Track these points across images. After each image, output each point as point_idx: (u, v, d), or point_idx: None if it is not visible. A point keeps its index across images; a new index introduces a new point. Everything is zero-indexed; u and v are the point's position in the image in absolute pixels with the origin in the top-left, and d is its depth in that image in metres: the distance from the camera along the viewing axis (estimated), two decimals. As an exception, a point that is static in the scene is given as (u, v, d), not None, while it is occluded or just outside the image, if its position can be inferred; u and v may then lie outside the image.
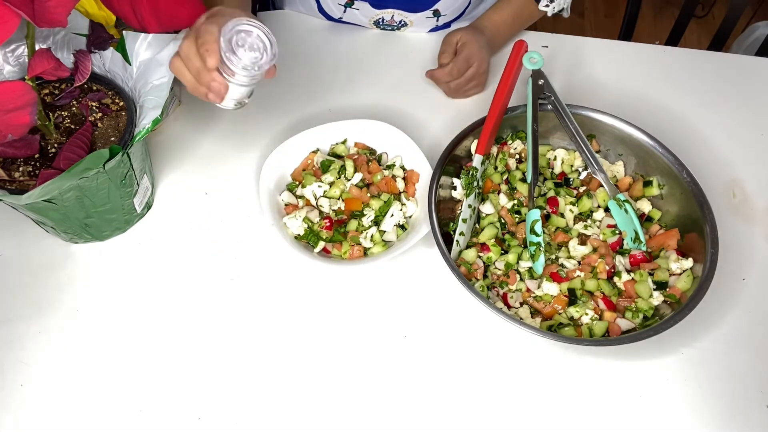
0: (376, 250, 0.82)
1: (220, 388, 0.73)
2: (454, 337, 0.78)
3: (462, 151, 0.87)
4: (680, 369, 0.76)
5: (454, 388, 0.74)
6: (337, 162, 0.87)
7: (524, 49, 0.87)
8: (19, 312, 0.77)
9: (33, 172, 0.70)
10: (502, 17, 1.02)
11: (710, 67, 1.08)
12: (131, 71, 0.77)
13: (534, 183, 0.84)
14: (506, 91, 0.85)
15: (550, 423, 0.72)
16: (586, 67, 1.07)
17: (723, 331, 0.79)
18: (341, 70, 1.04)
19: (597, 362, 0.76)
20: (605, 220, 0.84)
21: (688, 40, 2.27)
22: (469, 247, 0.81)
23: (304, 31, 1.09)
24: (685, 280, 0.77)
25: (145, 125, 0.72)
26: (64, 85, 0.78)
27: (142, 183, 0.81)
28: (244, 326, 0.78)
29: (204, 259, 0.83)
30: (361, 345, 0.77)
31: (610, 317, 0.76)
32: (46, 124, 0.72)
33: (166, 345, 0.76)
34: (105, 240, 0.83)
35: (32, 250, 0.82)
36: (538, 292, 0.79)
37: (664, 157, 0.84)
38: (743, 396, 0.74)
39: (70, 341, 0.75)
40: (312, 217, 0.83)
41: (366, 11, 1.05)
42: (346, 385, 0.74)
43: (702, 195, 0.80)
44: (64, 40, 0.78)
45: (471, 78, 0.96)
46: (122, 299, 0.79)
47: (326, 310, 0.79)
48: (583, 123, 0.87)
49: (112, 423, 0.70)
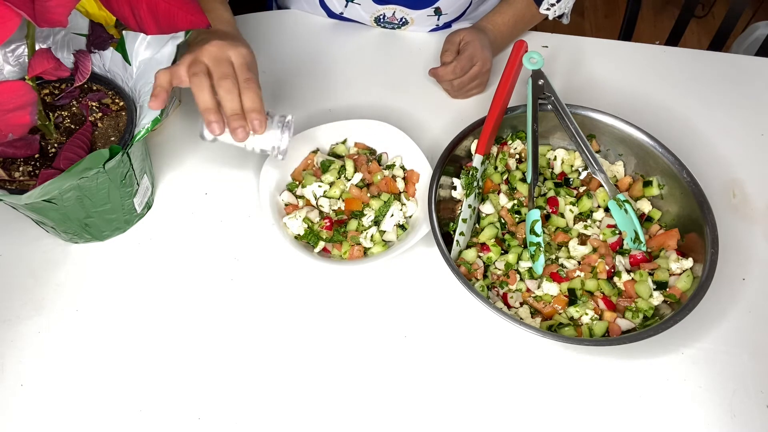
0: (376, 250, 0.82)
1: (220, 388, 0.73)
2: (454, 337, 0.78)
3: (462, 151, 0.87)
4: (680, 369, 0.76)
5: (454, 388, 0.74)
6: (337, 162, 0.87)
7: (524, 50, 0.87)
8: (19, 312, 0.77)
9: (33, 172, 0.70)
10: (503, 19, 1.03)
11: (710, 67, 1.08)
12: (131, 71, 0.77)
13: (534, 183, 0.84)
14: (506, 91, 0.85)
15: (550, 423, 0.72)
16: (586, 67, 1.07)
17: (723, 331, 0.79)
18: (341, 70, 1.04)
19: (597, 362, 0.76)
20: (605, 220, 0.84)
21: (688, 40, 2.27)
22: (469, 247, 0.81)
23: (304, 31, 1.09)
24: (685, 280, 0.77)
25: (145, 125, 0.72)
26: (64, 85, 0.78)
27: (142, 183, 0.81)
28: (244, 326, 0.78)
29: (204, 259, 0.83)
30: (361, 345, 0.77)
31: (610, 317, 0.76)
32: (46, 124, 0.72)
33: (166, 345, 0.76)
34: (105, 240, 0.83)
35: (32, 250, 0.82)
36: (538, 292, 0.79)
37: (664, 157, 0.84)
38: (743, 396, 0.74)
39: (70, 341, 0.75)
40: (312, 217, 0.83)
41: (368, 7, 1.05)
42: (346, 385, 0.74)
43: (702, 195, 0.80)
44: (64, 40, 0.78)
45: (474, 77, 0.96)
46: (122, 299, 0.79)
47: (326, 310, 0.79)
48: (583, 123, 0.87)
49: (112, 423, 0.70)
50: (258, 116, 0.72)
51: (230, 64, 0.73)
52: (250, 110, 0.72)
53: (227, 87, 0.71)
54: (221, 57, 0.73)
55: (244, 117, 0.72)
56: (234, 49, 0.74)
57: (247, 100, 0.72)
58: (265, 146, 0.77)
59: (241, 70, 0.73)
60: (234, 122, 0.71)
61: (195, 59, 0.73)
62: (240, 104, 0.72)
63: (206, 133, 0.74)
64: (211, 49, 0.73)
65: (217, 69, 0.72)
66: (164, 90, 0.71)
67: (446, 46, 0.98)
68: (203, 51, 0.73)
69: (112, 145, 0.68)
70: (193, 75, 0.71)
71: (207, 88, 0.71)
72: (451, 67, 0.95)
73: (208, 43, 0.73)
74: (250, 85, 0.72)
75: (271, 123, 0.76)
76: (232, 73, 0.72)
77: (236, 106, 0.72)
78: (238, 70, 0.73)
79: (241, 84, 0.72)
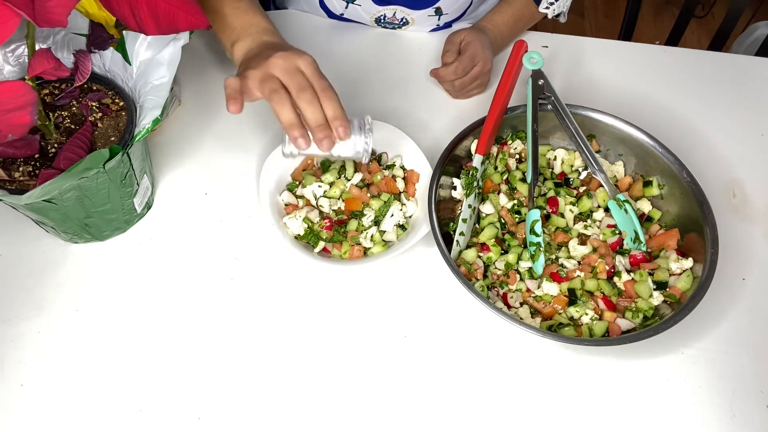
0: (376, 250, 0.82)
1: (220, 388, 0.73)
2: (454, 337, 0.78)
3: (462, 151, 0.87)
4: (680, 369, 0.76)
5: (454, 388, 0.74)
6: (337, 162, 0.87)
7: (524, 49, 0.87)
8: (19, 312, 0.77)
9: (33, 172, 0.70)
10: (503, 19, 1.03)
11: (710, 67, 1.08)
12: (131, 71, 0.77)
13: (534, 183, 0.84)
14: (506, 91, 0.85)
15: (550, 423, 0.72)
16: (586, 67, 1.07)
17: (723, 331, 0.79)
18: (341, 70, 1.04)
19: (597, 362, 0.76)
20: (605, 220, 0.84)
21: (688, 40, 2.27)
22: (469, 247, 0.81)
23: (304, 31, 1.09)
24: (685, 280, 0.77)
25: (145, 125, 0.72)
26: (64, 85, 0.78)
27: (142, 183, 0.81)
28: (244, 326, 0.78)
29: (204, 259, 0.83)
30: (361, 345, 0.77)
31: (610, 317, 0.76)
32: (46, 124, 0.72)
33: (166, 345, 0.76)
34: (105, 240, 0.83)
35: (32, 250, 0.82)
36: (538, 292, 0.79)
37: (664, 157, 0.84)
38: (743, 396, 0.74)
39: (70, 341, 0.75)
40: (312, 217, 0.83)
41: (368, 7, 1.05)
42: (346, 385, 0.74)
43: (702, 195, 0.80)
44: (64, 40, 0.78)
45: (476, 77, 0.96)
46: (122, 299, 0.79)
47: (326, 310, 0.79)
48: (583, 123, 0.87)
49: (112, 423, 0.70)
50: (342, 123, 0.71)
51: (302, 74, 0.72)
52: (333, 118, 0.71)
53: (308, 98, 0.70)
54: (291, 68, 0.72)
55: (329, 126, 0.71)
56: (300, 58, 0.73)
57: (329, 108, 0.71)
58: (349, 152, 0.76)
59: (316, 79, 0.72)
60: (319, 133, 0.71)
61: (265, 75, 0.72)
62: (323, 114, 0.71)
63: (291, 148, 0.74)
64: (278, 62, 0.72)
65: (291, 81, 0.71)
66: (238, 92, 0.70)
67: (447, 47, 0.98)
68: (271, 64, 0.72)
69: (112, 145, 0.68)
70: (272, 92, 0.70)
71: (288, 103, 0.70)
72: (453, 67, 0.95)
73: (272, 57, 0.72)
74: (329, 93, 0.72)
75: (353, 127, 0.75)
76: (308, 84, 0.71)
77: (320, 116, 0.71)
78: (313, 79, 0.72)
79: (320, 93, 0.71)
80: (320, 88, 0.72)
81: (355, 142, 0.76)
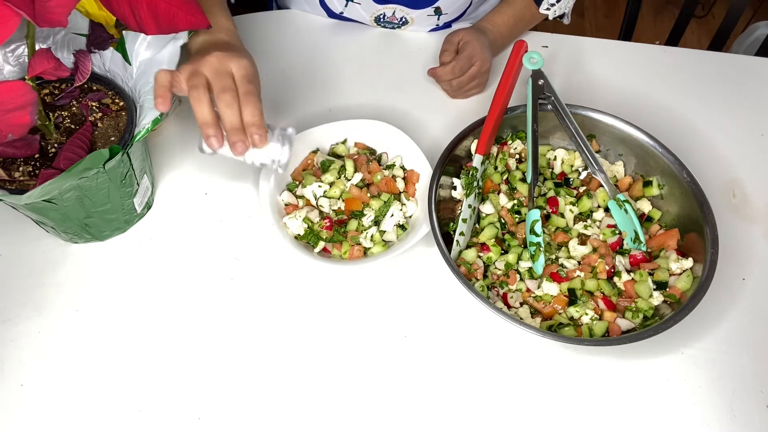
0: (376, 250, 0.82)
1: (220, 388, 0.73)
2: (454, 337, 0.78)
3: (462, 151, 0.87)
4: (680, 369, 0.76)
5: (454, 388, 0.74)
6: (337, 162, 0.87)
7: (524, 49, 0.87)
8: (19, 312, 0.77)
9: (33, 172, 0.70)
10: (503, 19, 1.03)
11: (710, 67, 1.08)
12: (131, 71, 0.77)
13: (534, 183, 0.84)
14: (506, 91, 0.85)
15: (550, 423, 0.72)
16: (586, 67, 1.07)
17: (723, 331, 0.79)
18: (341, 70, 1.04)
19: (597, 362, 0.76)
20: (605, 220, 0.84)
21: (688, 40, 2.27)
22: (469, 247, 0.81)
23: (304, 30, 1.09)
24: (685, 280, 0.77)
25: (145, 125, 0.72)
26: (64, 85, 0.78)
27: (142, 183, 0.81)
28: (243, 326, 0.78)
29: (204, 259, 0.83)
30: (361, 345, 0.77)
31: (610, 317, 0.76)
32: (46, 124, 0.72)
33: (166, 345, 0.76)
34: (105, 240, 0.83)
35: (32, 250, 0.82)
36: (538, 292, 0.79)
37: (664, 157, 0.84)
38: (743, 396, 0.74)
39: (70, 341, 0.75)
40: (312, 217, 0.83)
41: (368, 6, 1.05)
42: (346, 385, 0.74)
43: (702, 195, 0.80)
44: (64, 40, 0.78)
45: (473, 77, 0.96)
46: (122, 299, 0.79)
47: (326, 310, 0.79)
48: (583, 123, 0.87)
49: (112, 423, 0.70)
50: (258, 130, 0.71)
51: (231, 76, 0.72)
52: (249, 124, 0.71)
53: (227, 101, 0.70)
54: (222, 69, 0.72)
55: (244, 131, 0.71)
56: (235, 60, 0.73)
57: (247, 113, 0.71)
58: (264, 159, 0.75)
59: (242, 83, 0.72)
60: (233, 136, 0.70)
61: (195, 70, 0.71)
62: (240, 118, 0.71)
63: (205, 146, 0.73)
64: (211, 60, 0.72)
65: (217, 82, 0.71)
66: (167, 89, 0.70)
67: (445, 46, 0.98)
68: (203, 62, 0.72)
69: (112, 145, 0.68)
70: (192, 87, 0.70)
71: (206, 102, 0.70)
72: (450, 67, 0.95)
73: (209, 54, 0.72)
74: (250, 99, 0.71)
75: (272, 136, 0.74)
76: (232, 86, 0.71)
77: (236, 120, 0.70)
78: (239, 83, 0.72)
79: (242, 97, 0.71)
80: (243, 92, 0.71)
81: (271, 151, 0.75)
